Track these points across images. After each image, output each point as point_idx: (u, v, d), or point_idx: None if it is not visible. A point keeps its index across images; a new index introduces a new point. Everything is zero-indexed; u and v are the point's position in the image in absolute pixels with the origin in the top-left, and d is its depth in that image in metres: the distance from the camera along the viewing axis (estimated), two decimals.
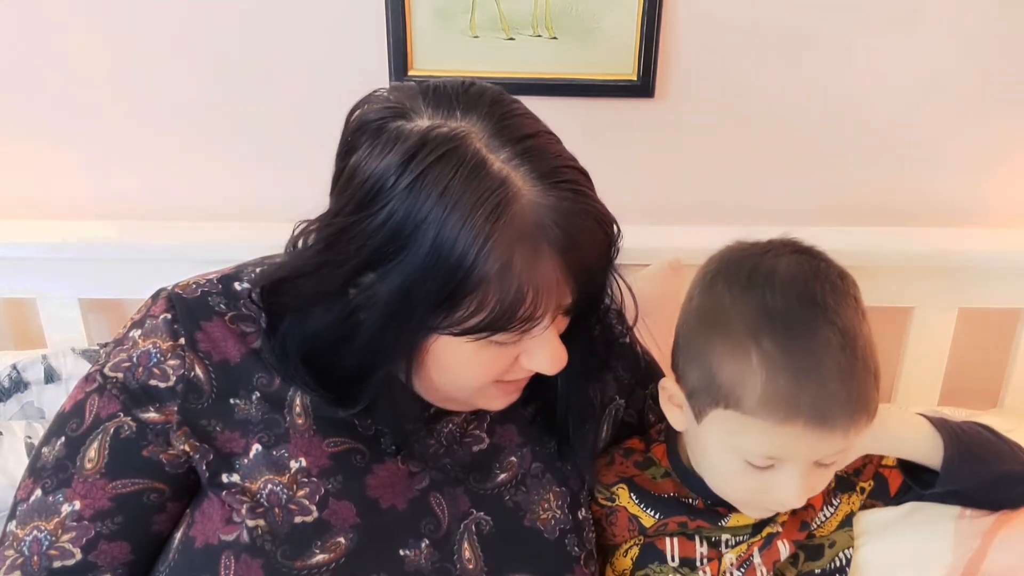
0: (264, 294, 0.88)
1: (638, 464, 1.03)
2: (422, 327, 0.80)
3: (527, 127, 0.80)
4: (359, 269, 0.79)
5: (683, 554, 0.98)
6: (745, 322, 0.86)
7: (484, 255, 0.74)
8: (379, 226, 0.76)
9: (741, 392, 0.86)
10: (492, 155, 0.76)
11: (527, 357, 0.85)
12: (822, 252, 0.92)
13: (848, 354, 0.84)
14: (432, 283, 0.76)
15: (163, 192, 1.43)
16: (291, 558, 0.82)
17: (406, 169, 0.75)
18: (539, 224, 0.76)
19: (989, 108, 1.38)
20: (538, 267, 0.77)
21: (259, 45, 1.33)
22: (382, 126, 0.78)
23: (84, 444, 0.85)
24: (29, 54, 1.33)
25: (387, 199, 0.76)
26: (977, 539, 0.99)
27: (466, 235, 0.74)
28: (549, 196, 0.76)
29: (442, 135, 0.76)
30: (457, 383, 0.86)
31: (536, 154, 0.78)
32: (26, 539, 0.83)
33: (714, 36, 1.33)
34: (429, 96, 0.80)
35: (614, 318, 1.06)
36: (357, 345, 0.82)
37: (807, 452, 0.87)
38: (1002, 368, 1.52)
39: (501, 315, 0.77)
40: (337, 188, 0.82)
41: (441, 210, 0.74)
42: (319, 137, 1.40)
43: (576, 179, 0.79)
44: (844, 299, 0.87)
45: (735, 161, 1.42)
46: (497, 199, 0.74)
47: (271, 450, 0.86)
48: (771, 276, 0.88)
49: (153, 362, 0.87)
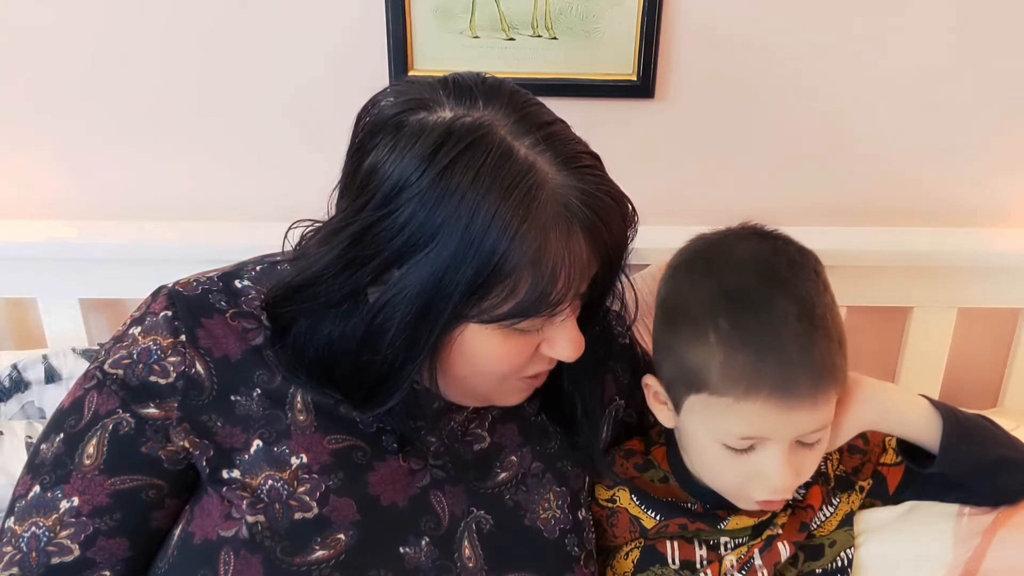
0: (274, 303, 0.88)
1: (638, 467, 1.03)
2: (454, 317, 0.80)
3: (545, 115, 0.82)
4: (386, 265, 0.79)
5: (683, 557, 0.99)
6: (703, 305, 0.88)
7: (519, 240, 0.76)
8: (408, 219, 0.77)
9: (705, 373, 0.87)
10: (517, 142, 0.78)
11: (548, 345, 0.86)
12: (784, 234, 0.93)
13: (805, 322, 0.85)
14: (465, 271, 0.76)
15: (163, 192, 1.43)
16: (291, 554, 0.82)
17: (433, 160, 0.76)
18: (568, 206, 0.78)
19: (989, 108, 1.38)
20: (571, 249, 0.78)
21: (259, 45, 1.33)
22: (402, 120, 0.79)
23: (83, 440, 0.85)
24: (27, 53, 1.33)
25: (415, 192, 0.76)
26: (977, 538, 0.99)
27: (499, 221, 0.75)
28: (573, 179, 0.78)
29: (467, 124, 0.77)
30: (481, 376, 0.87)
31: (558, 140, 0.80)
32: (24, 535, 0.83)
33: (714, 36, 1.33)
34: (449, 88, 0.81)
35: (613, 319, 1.06)
36: (385, 345, 0.81)
37: (780, 427, 0.87)
38: (1002, 368, 1.52)
39: (534, 299, 0.78)
40: (354, 187, 0.82)
41: (472, 199, 0.75)
42: (320, 137, 1.40)
43: (594, 164, 0.82)
44: (801, 271, 0.88)
45: (735, 161, 1.42)
46: (528, 184, 0.76)
47: (272, 446, 0.86)
48: (729, 258, 0.89)
49: (153, 359, 0.86)
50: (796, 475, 0.91)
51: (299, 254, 0.89)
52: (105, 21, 1.31)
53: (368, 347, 0.83)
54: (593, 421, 0.98)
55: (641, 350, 1.12)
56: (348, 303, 0.83)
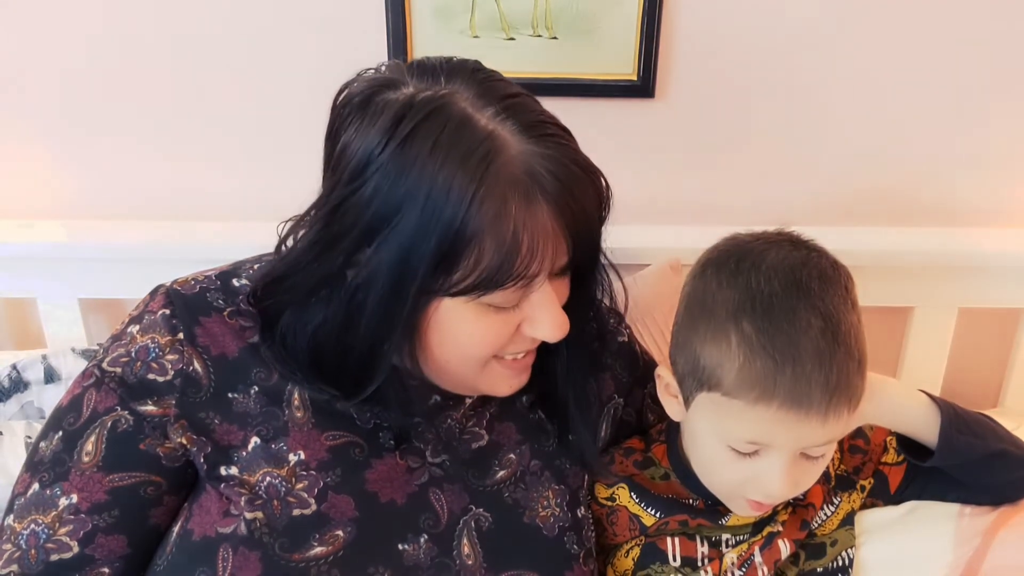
0: (260, 296, 0.88)
1: (638, 464, 1.03)
2: (423, 292, 0.80)
3: (510, 88, 0.82)
4: (357, 243, 0.79)
5: (684, 554, 0.98)
6: (728, 306, 0.87)
7: (476, 205, 0.75)
8: (372, 194, 0.77)
9: (721, 373, 0.86)
10: (477, 113, 0.78)
11: (529, 324, 0.85)
12: (819, 245, 0.92)
13: (829, 338, 0.84)
14: (429, 243, 0.76)
15: (163, 192, 1.43)
16: (289, 550, 0.82)
17: (394, 133, 0.76)
18: (530, 172, 0.77)
19: (990, 108, 1.38)
20: (533, 214, 0.77)
21: (259, 45, 1.33)
22: (368, 99, 0.80)
23: (81, 438, 0.85)
24: (24, 55, 1.33)
25: (378, 165, 0.77)
26: (977, 538, 0.99)
27: (457, 189, 0.75)
28: (538, 146, 0.78)
29: (427, 97, 0.78)
30: (461, 356, 0.86)
31: (520, 109, 0.79)
32: (23, 532, 0.83)
33: (714, 36, 1.33)
34: (414, 68, 0.82)
35: (612, 317, 1.06)
36: (363, 325, 0.82)
37: (787, 437, 0.87)
38: (1002, 368, 1.53)
39: (499, 267, 0.78)
40: (328, 169, 0.83)
41: (432, 169, 0.75)
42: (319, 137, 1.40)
43: (560, 133, 0.81)
44: (832, 287, 0.87)
45: (735, 161, 1.42)
46: (484, 150, 0.76)
47: (270, 443, 0.86)
48: (759, 263, 0.88)
49: (151, 356, 0.87)
50: (795, 485, 0.91)
51: (279, 244, 0.89)
52: (105, 21, 1.32)
53: (349, 330, 0.83)
54: (588, 419, 0.98)
55: (640, 348, 1.11)
56: (327, 288, 0.83)
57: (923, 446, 0.97)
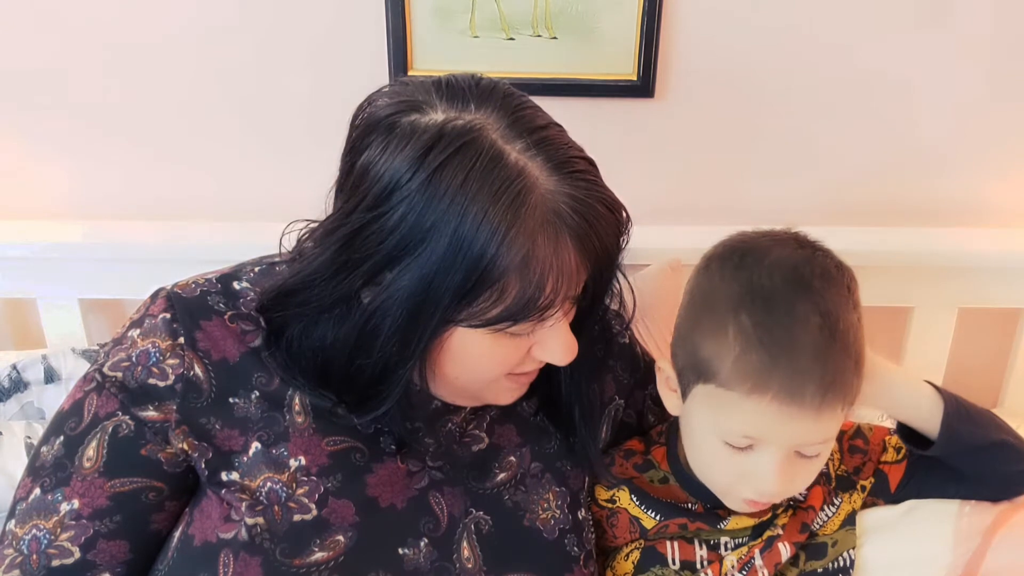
0: (268, 307, 0.88)
1: (638, 467, 1.03)
2: (443, 321, 0.80)
3: (539, 119, 0.81)
4: (378, 268, 0.79)
5: (684, 557, 0.98)
6: (729, 299, 0.87)
7: (507, 245, 0.75)
8: (398, 222, 0.77)
9: (717, 364, 0.86)
10: (508, 146, 0.77)
11: (540, 348, 0.86)
12: (824, 246, 0.92)
13: (826, 335, 0.84)
14: (454, 275, 0.76)
15: (163, 193, 1.43)
16: (290, 556, 0.82)
17: (423, 163, 0.76)
18: (557, 212, 0.77)
19: (990, 109, 1.38)
20: (559, 254, 0.78)
21: (259, 46, 1.33)
22: (395, 121, 0.79)
23: (83, 443, 0.85)
24: (24, 56, 1.33)
25: (405, 194, 0.76)
26: (977, 538, 0.99)
27: (488, 225, 0.75)
28: (564, 185, 0.78)
29: (459, 127, 0.77)
30: (471, 376, 0.87)
31: (550, 145, 0.79)
32: (25, 538, 0.83)
33: (714, 36, 1.33)
34: (442, 89, 0.81)
35: (613, 318, 1.06)
36: (377, 348, 0.81)
37: (780, 431, 0.87)
38: (1002, 368, 1.53)
39: (522, 305, 0.78)
40: (347, 187, 0.82)
41: (461, 202, 0.75)
42: (320, 137, 1.40)
43: (587, 169, 0.81)
44: (834, 285, 0.88)
45: (735, 161, 1.42)
46: (517, 188, 0.75)
47: (270, 448, 0.86)
48: (762, 259, 0.89)
49: (152, 361, 0.86)
50: (789, 483, 0.91)
51: (295, 255, 0.89)
52: (105, 24, 1.31)
53: (361, 350, 0.83)
54: (591, 421, 0.98)
55: (641, 350, 1.11)
56: (341, 307, 0.83)
57: (924, 438, 0.97)
